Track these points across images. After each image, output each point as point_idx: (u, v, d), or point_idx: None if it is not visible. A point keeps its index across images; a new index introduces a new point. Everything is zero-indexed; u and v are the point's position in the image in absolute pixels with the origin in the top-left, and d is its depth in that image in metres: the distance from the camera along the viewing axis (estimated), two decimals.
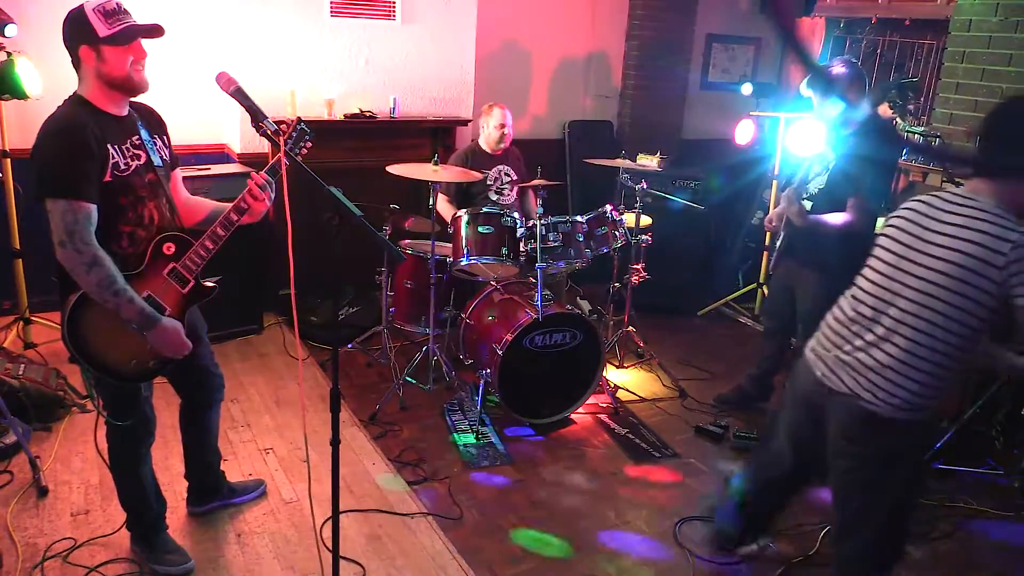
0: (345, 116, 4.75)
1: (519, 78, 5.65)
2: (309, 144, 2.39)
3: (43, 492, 2.87)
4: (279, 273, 2.54)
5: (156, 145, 2.32)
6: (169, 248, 2.28)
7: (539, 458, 3.44)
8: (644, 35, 5.93)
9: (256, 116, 2.20)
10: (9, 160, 3.84)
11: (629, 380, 4.24)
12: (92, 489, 2.94)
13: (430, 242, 3.80)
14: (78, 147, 2.08)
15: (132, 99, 2.27)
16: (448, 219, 3.97)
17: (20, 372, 3.35)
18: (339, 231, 2.07)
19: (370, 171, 4.21)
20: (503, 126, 4.31)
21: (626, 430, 3.69)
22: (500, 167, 4.38)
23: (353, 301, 4.63)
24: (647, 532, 2.96)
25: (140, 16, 2.23)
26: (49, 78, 3.81)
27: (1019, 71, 3.71)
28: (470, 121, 5.20)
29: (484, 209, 3.77)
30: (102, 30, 2.10)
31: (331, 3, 4.65)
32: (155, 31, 2.18)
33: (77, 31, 2.12)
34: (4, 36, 3.55)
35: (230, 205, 2.33)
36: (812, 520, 3.08)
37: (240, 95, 2.22)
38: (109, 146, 2.15)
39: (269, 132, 2.20)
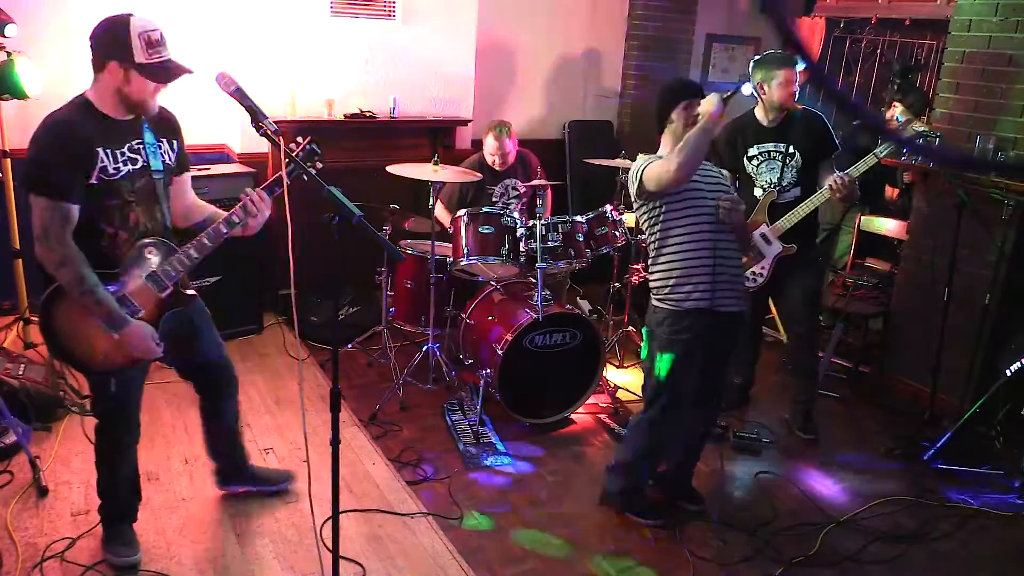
0: (345, 116, 4.75)
1: (519, 78, 5.65)
2: (319, 165, 2.40)
3: (43, 492, 2.87)
4: (279, 273, 2.54)
5: (160, 149, 2.34)
6: (150, 252, 2.30)
7: (539, 458, 3.44)
8: (644, 35, 5.93)
9: (256, 116, 2.21)
10: (9, 160, 3.84)
11: (629, 380, 4.24)
12: (92, 489, 2.91)
13: (430, 242, 3.80)
14: (63, 149, 2.13)
15: None
16: (446, 226, 3.96)
17: (20, 372, 3.34)
18: (339, 231, 2.07)
19: (370, 171, 4.21)
20: (493, 154, 4.18)
21: (626, 430, 3.69)
22: (506, 182, 4.25)
23: (353, 301, 4.63)
24: (647, 532, 2.96)
25: (141, 14, 2.24)
26: (49, 78, 3.82)
27: (1019, 71, 3.71)
28: (470, 121, 5.20)
29: (484, 209, 3.76)
30: (140, 56, 2.14)
31: (331, 3, 4.65)
32: (187, 72, 2.23)
33: (113, 45, 2.14)
34: (4, 36, 3.54)
35: (223, 215, 2.36)
36: (812, 520, 3.08)
37: (240, 95, 2.23)
38: (99, 149, 2.18)
39: (269, 132, 2.20)
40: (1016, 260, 3.78)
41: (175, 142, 2.42)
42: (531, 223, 3.65)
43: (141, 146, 2.29)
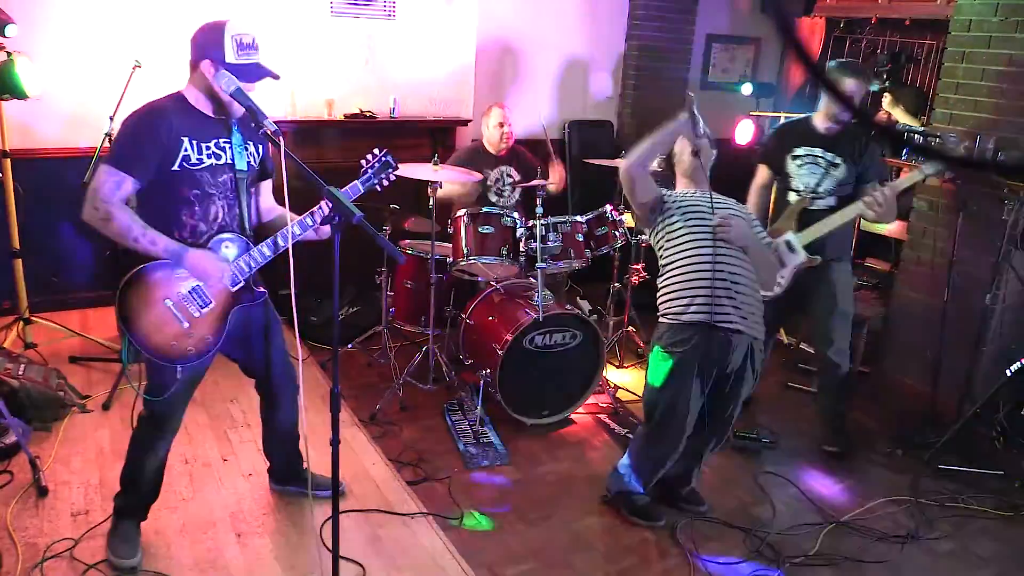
0: (345, 116, 4.75)
1: (519, 78, 5.64)
2: (393, 177, 2.59)
3: (43, 492, 2.87)
4: (279, 273, 2.54)
5: (247, 150, 2.42)
6: (227, 246, 2.40)
7: (539, 458, 3.44)
8: (644, 35, 5.92)
9: (256, 116, 2.22)
10: (9, 160, 3.83)
11: (629, 380, 4.24)
12: (92, 489, 2.94)
13: (430, 242, 3.80)
14: (145, 129, 2.24)
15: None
16: (453, 199, 3.97)
17: (20, 372, 3.34)
18: (339, 231, 2.08)
19: None
20: (502, 124, 4.29)
21: (626, 430, 3.69)
22: (502, 168, 4.36)
23: (353, 301, 4.63)
24: (647, 532, 2.96)
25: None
26: (49, 78, 3.82)
27: (1019, 71, 3.71)
28: (470, 121, 5.20)
29: (484, 209, 3.77)
30: (230, 56, 2.26)
31: (331, 3, 4.65)
32: (272, 76, 2.35)
33: (208, 45, 2.27)
34: (4, 36, 3.54)
35: (297, 218, 2.43)
36: (812, 520, 3.08)
37: (240, 95, 2.23)
38: (185, 138, 2.27)
39: (269, 132, 2.21)
40: (1016, 260, 3.78)
41: (260, 146, 2.50)
42: (531, 223, 3.66)
43: (228, 144, 2.37)
